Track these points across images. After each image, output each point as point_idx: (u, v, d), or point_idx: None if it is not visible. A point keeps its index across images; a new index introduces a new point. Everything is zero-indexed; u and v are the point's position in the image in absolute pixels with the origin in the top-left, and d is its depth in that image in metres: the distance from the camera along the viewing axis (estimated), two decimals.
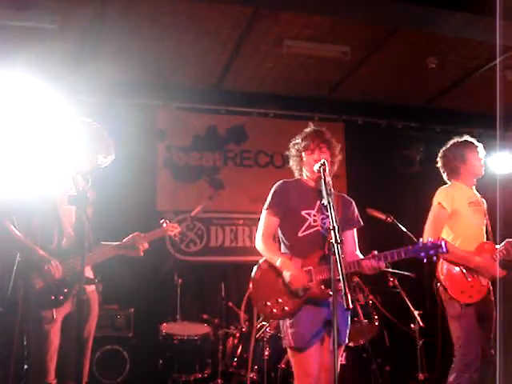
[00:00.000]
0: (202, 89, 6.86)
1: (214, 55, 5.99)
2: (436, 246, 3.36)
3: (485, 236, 4.29)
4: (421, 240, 3.44)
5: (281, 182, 3.76)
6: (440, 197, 4.36)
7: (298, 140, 3.73)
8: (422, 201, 4.70)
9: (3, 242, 3.39)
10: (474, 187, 4.43)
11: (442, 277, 4.24)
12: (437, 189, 4.39)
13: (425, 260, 3.38)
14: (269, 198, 3.71)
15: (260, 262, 3.64)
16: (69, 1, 4.87)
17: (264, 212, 3.71)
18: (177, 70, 6.33)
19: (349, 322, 3.60)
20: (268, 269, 3.57)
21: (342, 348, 3.67)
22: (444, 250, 3.36)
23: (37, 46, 5.32)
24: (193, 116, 7.03)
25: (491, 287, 4.20)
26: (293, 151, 3.75)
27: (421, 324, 5.19)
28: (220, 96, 6.94)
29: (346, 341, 3.60)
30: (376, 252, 3.39)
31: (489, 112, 4.73)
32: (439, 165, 4.52)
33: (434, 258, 3.41)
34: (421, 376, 5.16)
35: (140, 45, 5.66)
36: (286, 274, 3.44)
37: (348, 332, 3.57)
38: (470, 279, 4.15)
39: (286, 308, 3.44)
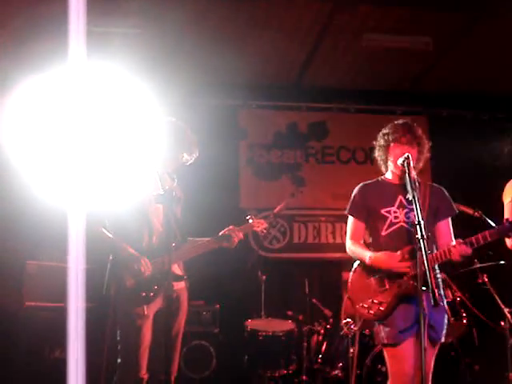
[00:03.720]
0: (282, 86, 6.89)
1: (293, 52, 6.00)
2: None
3: None
4: (509, 219, 3.30)
5: (360, 185, 3.72)
6: (506, 192, 4.23)
7: (388, 130, 3.61)
8: None
9: (96, 243, 3.52)
10: None
11: None
12: None
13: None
14: (349, 203, 3.69)
15: (354, 265, 3.62)
16: (150, 6, 5.00)
17: (348, 217, 3.69)
18: (256, 68, 6.38)
19: (445, 319, 3.51)
20: (362, 271, 3.55)
21: (437, 346, 3.57)
22: None
23: (122, 50, 5.49)
24: (273, 114, 7.06)
25: None
26: (381, 141, 3.63)
27: (511, 322, 5.00)
28: (300, 92, 6.95)
29: (443, 339, 3.51)
30: (460, 240, 3.30)
31: None
32: None
33: None
34: (511, 375, 4.98)
35: (219, 45, 5.75)
36: (380, 256, 3.39)
37: (445, 328, 3.49)
38: None
39: (382, 308, 3.39)
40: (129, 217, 3.54)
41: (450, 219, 3.63)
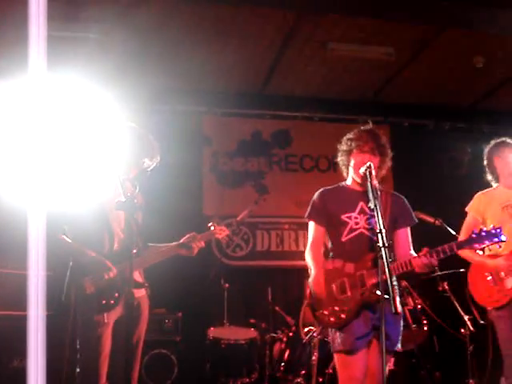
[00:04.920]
0: (247, 94, 6.90)
1: (258, 60, 6.01)
2: (491, 235, 3.24)
3: None
4: (475, 230, 3.35)
5: (320, 190, 3.73)
6: (470, 205, 4.39)
7: (352, 136, 3.63)
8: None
9: (55, 249, 3.46)
10: None
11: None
12: None
13: (480, 252, 3.30)
14: (309, 208, 3.69)
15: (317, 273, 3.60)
16: (113, 12, 4.96)
17: (309, 223, 3.69)
18: (221, 75, 6.37)
19: (401, 328, 3.54)
20: (323, 277, 3.55)
21: (391, 355, 3.60)
22: (500, 238, 3.25)
23: (84, 55, 5.43)
24: (238, 121, 7.07)
25: None
26: (344, 146, 3.64)
27: (471, 329, 5.07)
28: (265, 101, 6.97)
29: (399, 346, 3.54)
30: (427, 248, 3.32)
31: None
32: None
33: (489, 247, 3.32)
34: (471, 382, 5.05)
35: (184, 52, 5.73)
36: (315, 293, 3.46)
37: (400, 338, 3.52)
38: (495, 284, 4.11)
39: (343, 316, 3.39)
40: (89, 223, 3.49)
41: (408, 228, 3.66)
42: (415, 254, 3.49)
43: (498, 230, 3.24)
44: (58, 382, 4.39)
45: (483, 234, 3.26)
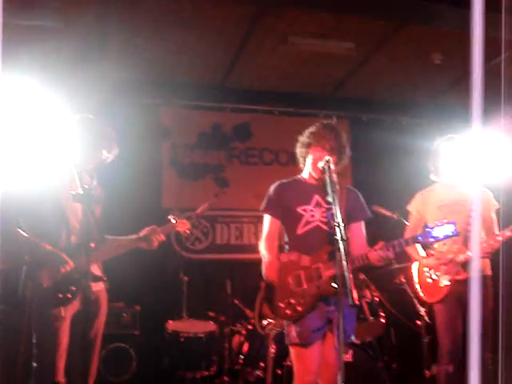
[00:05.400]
0: (207, 86, 6.86)
1: (219, 53, 5.98)
2: (445, 230, 3.33)
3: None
4: (429, 225, 3.42)
5: (276, 183, 3.74)
6: (411, 204, 4.58)
7: (315, 130, 3.65)
8: None
9: (10, 244, 3.40)
10: (461, 184, 4.41)
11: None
12: None
13: (435, 245, 3.40)
14: (264, 201, 3.70)
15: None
16: (72, 1, 4.87)
17: (264, 216, 3.70)
18: (181, 67, 6.32)
19: (355, 320, 3.59)
20: (279, 269, 3.55)
21: (348, 345, 3.66)
22: (455, 232, 3.33)
23: (41, 45, 5.33)
24: (197, 114, 7.02)
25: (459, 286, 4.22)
26: (305, 139, 3.67)
27: (427, 320, 5.16)
28: (225, 94, 6.94)
29: (353, 338, 3.59)
30: (383, 243, 3.38)
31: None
32: None
33: (443, 241, 3.43)
34: (427, 373, 5.14)
35: (144, 43, 5.66)
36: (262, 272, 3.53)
37: (354, 330, 3.57)
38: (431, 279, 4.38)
39: (299, 308, 3.42)
40: (45, 216, 3.44)
41: (363, 223, 3.71)
42: (370, 248, 3.55)
43: (452, 226, 3.32)
44: (14, 378, 4.32)
45: (438, 228, 3.33)
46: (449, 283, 4.25)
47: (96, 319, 3.60)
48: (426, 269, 4.43)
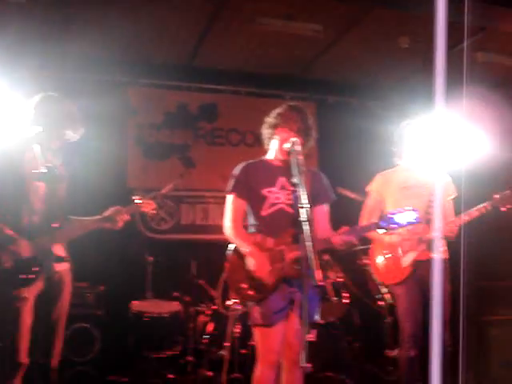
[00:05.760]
0: (174, 66, 6.80)
1: (186, 32, 5.92)
2: (409, 216, 3.37)
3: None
4: (391, 211, 3.46)
5: (242, 164, 3.73)
6: (370, 186, 4.59)
7: (282, 111, 3.64)
8: None
9: None
10: (422, 168, 4.48)
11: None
12: None
13: (397, 230, 3.44)
14: (231, 181, 3.69)
15: (234, 245, 3.63)
16: None
17: (228, 196, 3.70)
18: (147, 46, 6.25)
19: (318, 300, 3.63)
20: (242, 251, 3.57)
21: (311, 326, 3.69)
22: (417, 220, 3.39)
23: (2, 19, 5.20)
24: (164, 93, 6.96)
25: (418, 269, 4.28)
26: (272, 120, 3.66)
27: (389, 301, 5.25)
28: (191, 73, 6.88)
29: (316, 318, 3.63)
30: (347, 227, 3.41)
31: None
32: None
33: (405, 227, 3.47)
34: (389, 353, 5.24)
35: (110, 20, 5.56)
36: (251, 263, 3.45)
37: (317, 310, 3.61)
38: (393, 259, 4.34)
39: (261, 289, 3.44)
40: (6, 196, 3.38)
41: (327, 205, 3.74)
42: (334, 231, 3.59)
43: (414, 212, 3.37)
44: None
45: (400, 214, 3.38)
46: (411, 262, 4.27)
47: (59, 300, 3.57)
48: (386, 251, 4.42)
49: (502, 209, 4.22)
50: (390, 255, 4.36)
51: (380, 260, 4.44)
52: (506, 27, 5.51)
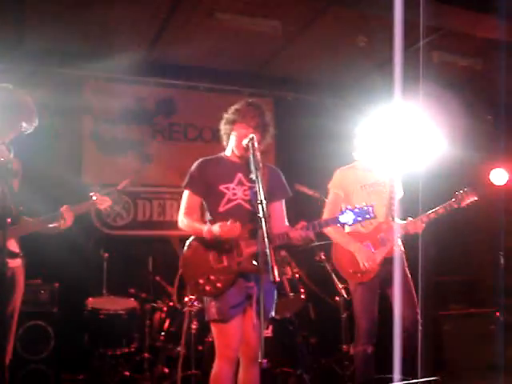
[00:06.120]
0: (131, 60, 6.71)
1: (144, 25, 5.85)
2: (363, 212, 3.43)
3: (385, 216, 4.43)
4: (349, 207, 3.50)
5: (199, 160, 3.75)
6: (331, 182, 4.63)
7: (240, 107, 3.67)
8: None
9: None
10: (380, 166, 4.55)
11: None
12: None
13: (351, 226, 3.49)
14: (187, 177, 3.69)
15: (190, 240, 3.62)
16: None
17: (184, 191, 3.69)
18: (105, 39, 6.15)
19: (275, 296, 3.65)
20: (198, 246, 3.57)
21: (267, 321, 3.72)
22: (371, 215, 3.44)
23: None
24: (120, 87, 6.87)
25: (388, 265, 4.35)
26: (230, 116, 3.68)
27: (345, 297, 5.31)
28: (149, 68, 6.80)
29: (272, 314, 3.65)
30: (304, 222, 3.45)
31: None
32: None
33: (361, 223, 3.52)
34: (345, 348, 5.30)
35: (66, 13, 5.47)
36: (215, 228, 3.41)
37: (274, 305, 3.63)
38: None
39: (219, 285, 3.44)
40: None
41: (283, 201, 3.78)
42: (290, 227, 3.63)
43: (370, 208, 3.42)
44: None
45: (357, 210, 3.42)
46: (381, 259, 4.32)
47: (12, 296, 3.50)
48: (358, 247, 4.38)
49: (463, 204, 4.35)
50: (362, 252, 4.37)
51: (345, 257, 4.45)
52: (461, 27, 5.63)
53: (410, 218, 4.47)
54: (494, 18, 5.21)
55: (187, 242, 3.64)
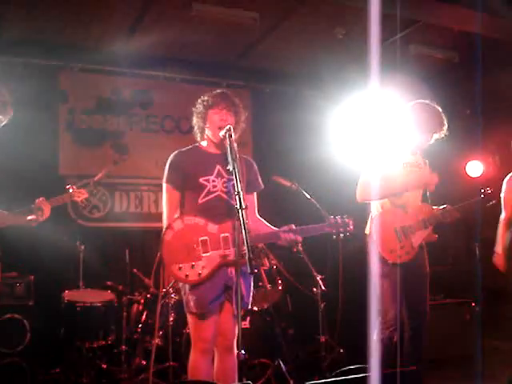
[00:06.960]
0: (107, 50, 6.65)
1: (120, 16, 5.80)
2: (345, 224, 3.58)
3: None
4: (331, 217, 3.60)
5: (175, 152, 3.72)
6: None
7: (207, 98, 3.68)
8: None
9: None
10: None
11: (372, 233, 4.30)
12: None
13: (334, 237, 3.56)
14: (165, 171, 3.66)
15: (173, 223, 3.50)
16: None
17: (164, 186, 3.67)
18: (81, 30, 6.09)
19: (252, 287, 3.66)
20: (182, 230, 3.47)
21: (245, 312, 3.73)
22: (351, 228, 3.57)
23: None
24: (97, 78, 6.81)
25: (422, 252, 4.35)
26: (200, 107, 3.69)
27: (322, 288, 5.33)
28: (126, 59, 6.74)
29: (249, 306, 3.66)
30: (293, 226, 3.48)
31: None
32: None
33: (342, 235, 3.60)
34: (322, 338, 5.33)
35: (42, 2, 5.40)
36: None
37: (251, 297, 3.64)
38: (401, 239, 4.22)
39: (201, 273, 3.42)
40: None
41: (255, 194, 3.80)
42: (261, 219, 3.66)
43: (351, 221, 3.57)
44: None
45: (339, 222, 3.59)
46: (419, 243, 4.27)
47: None
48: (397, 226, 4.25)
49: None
50: (399, 233, 4.25)
51: (386, 234, 4.23)
52: (438, 20, 5.67)
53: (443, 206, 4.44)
54: (470, 11, 5.25)
55: (169, 225, 3.53)
